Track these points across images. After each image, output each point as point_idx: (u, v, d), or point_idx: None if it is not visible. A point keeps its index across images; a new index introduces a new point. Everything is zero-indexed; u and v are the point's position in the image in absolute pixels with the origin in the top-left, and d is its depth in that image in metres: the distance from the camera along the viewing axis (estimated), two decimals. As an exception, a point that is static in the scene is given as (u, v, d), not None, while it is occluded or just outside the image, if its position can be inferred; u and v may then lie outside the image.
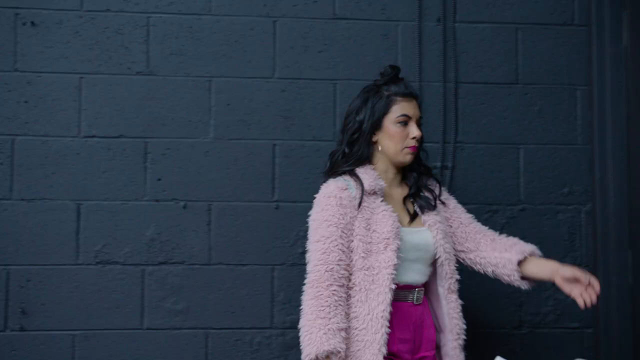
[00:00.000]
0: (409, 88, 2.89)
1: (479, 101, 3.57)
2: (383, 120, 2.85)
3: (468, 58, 3.59)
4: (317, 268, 2.72)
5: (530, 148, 3.58)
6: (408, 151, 2.86)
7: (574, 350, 3.53)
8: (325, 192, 2.79)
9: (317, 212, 2.78)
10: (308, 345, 2.64)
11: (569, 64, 3.62)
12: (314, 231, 2.77)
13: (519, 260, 2.84)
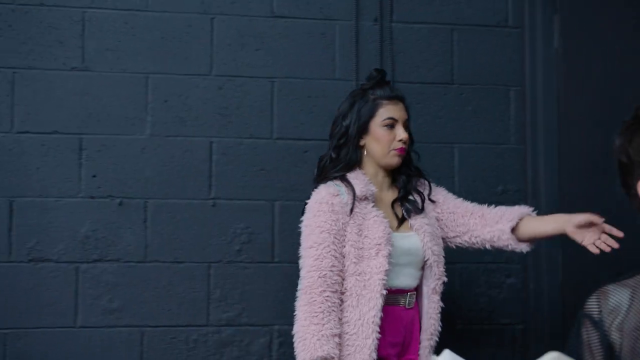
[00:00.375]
0: (394, 91, 2.90)
1: (415, 101, 3.61)
2: (369, 123, 2.86)
3: (404, 58, 3.63)
4: (310, 274, 2.72)
5: (464, 147, 3.63)
6: (395, 153, 2.86)
7: (506, 345, 3.59)
8: (317, 198, 2.79)
9: (309, 218, 2.78)
10: (302, 351, 2.65)
11: (503, 65, 3.68)
12: (307, 237, 2.77)
13: (512, 228, 2.84)
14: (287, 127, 3.52)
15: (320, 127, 3.54)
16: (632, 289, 1.86)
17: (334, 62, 3.57)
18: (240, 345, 3.44)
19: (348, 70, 3.57)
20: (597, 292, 1.91)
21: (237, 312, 3.44)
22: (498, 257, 3.60)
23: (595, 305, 1.89)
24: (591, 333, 1.87)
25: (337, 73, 3.57)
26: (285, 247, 3.47)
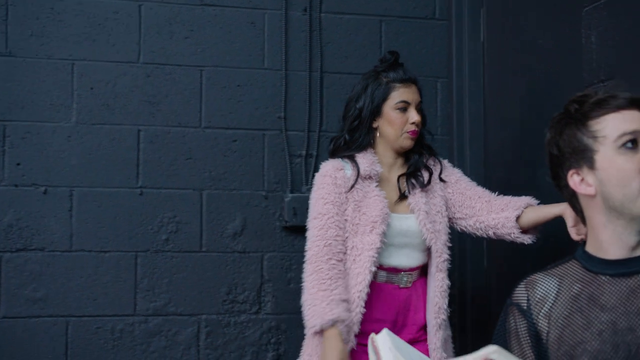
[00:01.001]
0: (407, 74, 2.88)
1: (344, 91, 3.62)
2: (382, 106, 2.85)
3: (333, 48, 3.65)
4: (315, 243, 2.72)
5: (392, 138, 3.66)
6: (408, 136, 2.85)
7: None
8: (322, 171, 2.81)
9: (315, 190, 2.80)
10: (312, 317, 2.62)
11: (430, 57, 3.73)
12: (312, 208, 2.78)
13: (517, 216, 2.82)
14: (216, 116, 3.51)
15: (249, 116, 3.54)
16: (559, 278, 1.91)
17: (263, 52, 3.56)
18: (168, 335, 3.42)
19: (277, 59, 3.57)
20: (525, 281, 1.96)
21: (165, 302, 3.42)
22: (424, 246, 3.64)
23: (523, 294, 1.93)
24: (519, 321, 1.91)
25: (267, 62, 3.57)
26: (213, 237, 3.46)
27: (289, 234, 3.53)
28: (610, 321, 1.80)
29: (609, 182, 1.82)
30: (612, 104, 1.85)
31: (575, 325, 1.84)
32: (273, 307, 3.51)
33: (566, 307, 1.86)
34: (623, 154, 1.81)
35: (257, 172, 3.53)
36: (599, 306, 1.82)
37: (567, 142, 1.88)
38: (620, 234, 1.84)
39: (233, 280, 3.48)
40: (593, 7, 2.60)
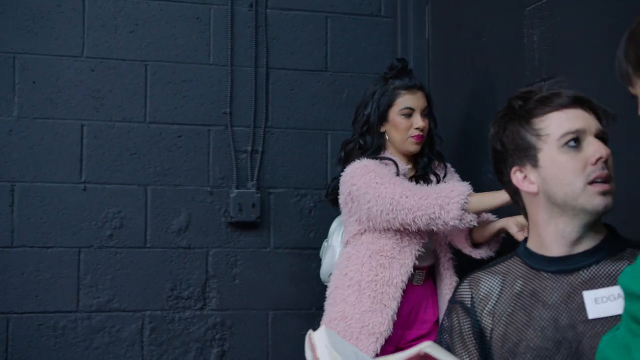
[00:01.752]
0: (412, 80, 2.96)
1: (289, 87, 3.63)
2: (388, 112, 2.94)
3: (279, 44, 3.65)
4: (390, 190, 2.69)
5: (337, 134, 3.67)
6: (413, 141, 2.93)
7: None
8: (362, 164, 2.83)
9: (363, 175, 2.78)
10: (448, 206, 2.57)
11: (376, 54, 3.75)
12: (368, 186, 2.75)
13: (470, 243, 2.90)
14: (161, 111, 3.49)
15: (195, 111, 3.52)
16: (502, 276, 1.91)
17: (209, 47, 3.55)
18: (111, 332, 3.39)
19: (223, 55, 3.56)
20: (469, 279, 1.96)
21: (108, 298, 3.39)
22: (369, 242, 3.66)
23: (467, 292, 1.94)
24: (462, 319, 1.91)
25: (212, 58, 3.55)
26: (157, 233, 3.44)
27: (234, 229, 3.53)
28: (552, 318, 1.81)
29: (552, 181, 1.83)
30: (555, 102, 1.86)
31: (518, 322, 1.84)
32: (218, 303, 3.50)
33: (509, 304, 1.87)
34: (566, 152, 1.82)
35: (203, 167, 3.52)
36: (541, 303, 1.83)
37: (511, 138, 1.89)
38: (562, 231, 1.85)
39: (178, 276, 3.46)
40: (535, 6, 2.64)
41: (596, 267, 1.83)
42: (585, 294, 1.80)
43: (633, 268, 1.45)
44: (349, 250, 2.88)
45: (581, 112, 1.86)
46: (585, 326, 1.77)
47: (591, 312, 1.78)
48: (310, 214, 3.61)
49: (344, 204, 2.88)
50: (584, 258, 1.84)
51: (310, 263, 3.60)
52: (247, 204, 3.51)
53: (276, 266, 3.57)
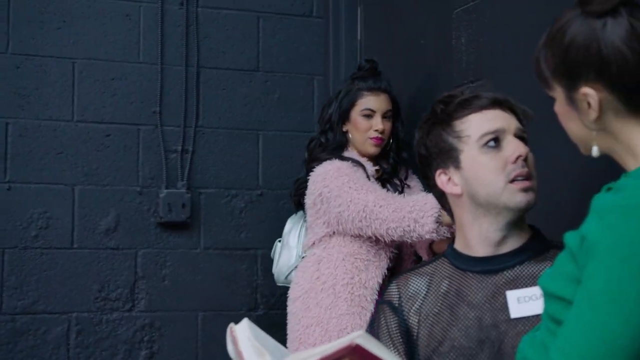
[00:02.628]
0: (377, 83, 2.95)
1: (221, 87, 3.61)
2: (350, 112, 2.93)
3: (210, 43, 3.62)
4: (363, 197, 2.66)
5: (269, 134, 3.66)
6: (371, 142, 2.91)
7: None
8: (334, 165, 2.79)
9: (336, 177, 2.74)
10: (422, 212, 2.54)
11: (307, 54, 3.74)
12: (341, 189, 2.71)
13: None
14: (89, 109, 3.43)
15: (123, 110, 3.48)
16: (429, 276, 1.93)
17: (139, 45, 3.51)
18: (36, 334, 3.33)
19: (153, 53, 3.52)
20: (397, 280, 1.98)
21: (33, 300, 3.32)
22: (300, 242, 3.66)
23: (395, 291, 1.95)
24: (390, 319, 1.93)
25: (142, 56, 3.51)
26: (85, 233, 3.39)
27: (163, 230, 3.49)
28: (476, 317, 1.83)
29: (474, 181, 1.85)
30: (475, 104, 1.89)
31: (443, 322, 1.86)
32: (147, 304, 3.46)
33: (435, 304, 1.89)
34: (486, 153, 1.85)
35: (132, 167, 3.47)
36: (466, 303, 1.85)
37: (434, 142, 1.91)
38: (486, 232, 1.87)
39: (105, 278, 3.41)
40: (462, 9, 2.66)
41: (520, 267, 1.86)
42: (509, 293, 1.83)
43: (552, 269, 1.47)
44: (318, 252, 2.82)
45: (500, 112, 1.89)
46: (508, 325, 1.80)
47: (513, 312, 1.81)
48: (241, 214, 3.59)
49: (312, 204, 2.83)
50: (508, 258, 1.87)
51: (241, 264, 3.58)
52: (176, 204, 3.48)
53: (206, 267, 3.54)
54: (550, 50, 1.48)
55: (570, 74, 1.45)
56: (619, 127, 1.45)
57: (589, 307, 1.32)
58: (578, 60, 1.43)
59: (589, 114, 1.45)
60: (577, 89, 1.45)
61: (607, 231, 1.32)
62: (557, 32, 1.47)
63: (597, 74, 1.42)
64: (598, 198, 1.40)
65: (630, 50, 1.41)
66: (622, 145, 1.46)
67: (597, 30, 1.42)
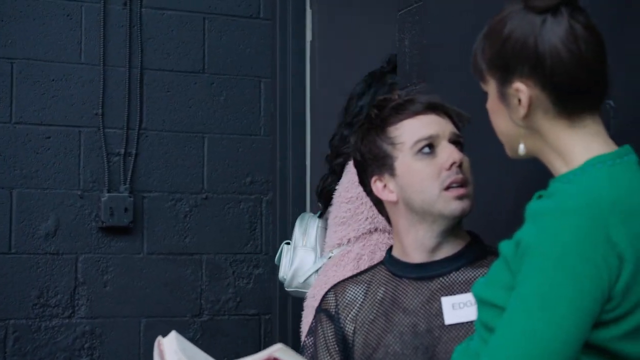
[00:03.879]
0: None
1: (165, 88, 3.55)
2: None
3: (154, 44, 3.56)
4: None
5: (214, 137, 3.61)
6: None
7: (253, 335, 3.62)
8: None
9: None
10: None
11: (254, 56, 3.69)
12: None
13: None
14: (28, 111, 3.35)
15: (64, 112, 3.41)
16: (366, 284, 1.91)
17: (80, 45, 3.44)
18: (-28, 342, 3.24)
19: (95, 54, 3.45)
20: (334, 288, 1.95)
21: (-32, 307, 3.24)
22: (245, 247, 3.61)
23: (332, 300, 1.93)
24: (326, 327, 1.90)
25: (83, 57, 3.44)
26: (23, 238, 3.31)
27: (105, 234, 3.42)
28: (411, 324, 1.81)
29: (409, 188, 1.83)
30: (409, 109, 1.86)
31: (378, 329, 1.85)
32: (87, 311, 3.38)
33: (371, 311, 1.87)
34: (420, 159, 1.82)
35: (72, 170, 3.40)
36: (402, 309, 1.84)
37: (369, 148, 1.89)
38: (422, 238, 1.85)
39: (45, 283, 3.33)
40: (406, 11, 2.63)
41: (456, 273, 1.84)
42: (444, 299, 1.81)
43: (487, 277, 1.46)
44: (356, 250, 2.66)
45: (435, 117, 1.86)
46: (442, 331, 1.79)
47: (448, 318, 1.80)
48: (185, 218, 3.53)
49: (349, 199, 2.68)
50: (444, 265, 1.85)
51: (185, 269, 3.52)
52: (119, 208, 3.41)
53: (149, 272, 3.48)
54: (489, 41, 1.47)
55: (505, 67, 1.44)
56: (547, 127, 1.43)
57: (521, 310, 1.30)
58: (514, 53, 1.42)
59: (518, 110, 1.43)
60: (510, 84, 1.43)
61: (540, 235, 1.31)
62: (497, 24, 1.46)
63: (531, 69, 1.41)
64: (531, 205, 1.39)
65: (566, 50, 1.40)
66: (549, 147, 1.44)
67: (536, 26, 1.41)
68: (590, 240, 1.29)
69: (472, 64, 1.51)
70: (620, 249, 1.30)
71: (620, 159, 1.40)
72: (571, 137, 1.43)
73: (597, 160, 1.39)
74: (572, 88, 1.41)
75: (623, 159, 1.40)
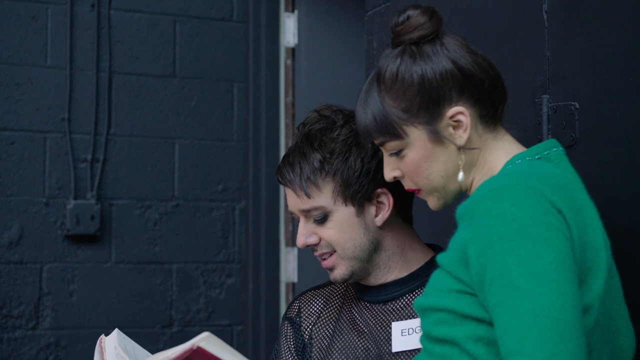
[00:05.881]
0: None
1: (134, 93, 3.45)
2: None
3: (123, 47, 3.46)
4: None
5: (186, 143, 3.52)
6: None
7: (225, 347, 3.51)
8: None
9: None
10: None
11: (227, 60, 3.60)
12: None
13: None
14: (-9, 116, 3.27)
15: (29, 117, 3.31)
16: (326, 298, 1.84)
17: (46, 48, 3.35)
18: None
19: (61, 57, 3.36)
20: (299, 297, 1.89)
21: None
22: (217, 256, 3.52)
23: (296, 308, 1.87)
24: (289, 333, 1.84)
25: (49, 60, 3.35)
26: (-14, 246, 3.22)
27: (71, 243, 3.32)
28: (365, 348, 1.74)
29: None
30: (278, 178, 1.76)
31: (333, 349, 1.77)
32: (52, 322, 3.28)
33: (327, 327, 1.80)
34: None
35: (37, 176, 3.30)
36: (356, 331, 1.76)
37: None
38: None
39: (7, 294, 3.23)
40: (374, 12, 2.55)
41: (410, 295, 1.75)
42: (394, 325, 1.73)
43: (425, 289, 1.40)
44: None
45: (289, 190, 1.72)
46: (390, 358, 1.71)
47: (395, 345, 1.71)
48: (155, 226, 3.44)
49: None
50: (396, 287, 1.75)
51: (154, 278, 3.42)
52: (85, 216, 3.31)
53: (117, 282, 3.38)
54: (394, 94, 1.43)
55: (432, 102, 1.41)
56: (480, 144, 1.43)
57: (518, 297, 1.21)
58: (436, 84, 1.40)
59: (459, 137, 1.42)
60: (442, 116, 1.41)
61: (486, 222, 1.26)
62: (394, 75, 1.43)
63: (460, 89, 1.41)
64: (457, 210, 1.35)
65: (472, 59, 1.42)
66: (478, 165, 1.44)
67: (440, 51, 1.42)
68: (538, 207, 1.24)
69: (371, 130, 1.46)
70: (565, 214, 1.26)
71: (540, 154, 1.39)
72: (495, 148, 1.43)
73: (516, 158, 1.40)
74: (495, 93, 1.43)
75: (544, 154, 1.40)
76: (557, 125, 1.74)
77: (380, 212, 1.70)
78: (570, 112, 1.71)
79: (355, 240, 1.69)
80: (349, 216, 1.68)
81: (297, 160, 1.69)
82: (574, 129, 1.70)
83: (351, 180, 1.67)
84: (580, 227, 1.28)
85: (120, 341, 1.55)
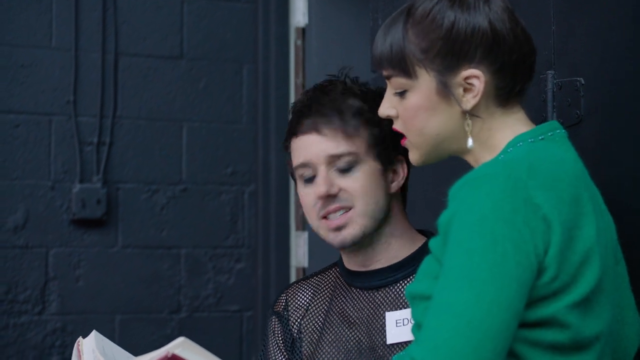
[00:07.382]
0: None
1: (141, 75, 3.41)
2: None
3: (130, 29, 3.41)
4: None
5: (194, 126, 3.47)
6: None
7: (234, 333, 3.48)
8: None
9: None
10: None
11: (236, 41, 3.54)
12: None
13: None
14: (-4, 98, 3.23)
15: (34, 99, 3.29)
16: (314, 288, 1.79)
17: (51, 29, 3.31)
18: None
19: (66, 38, 3.32)
20: (286, 290, 1.84)
21: None
22: (226, 241, 3.47)
23: (282, 301, 1.82)
24: (277, 328, 1.79)
25: (54, 41, 3.31)
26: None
27: (77, 227, 3.29)
28: (356, 340, 1.68)
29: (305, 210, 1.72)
30: (293, 126, 1.69)
31: (324, 341, 1.72)
32: (59, 307, 3.26)
33: (317, 319, 1.74)
34: (305, 186, 1.68)
35: (43, 160, 3.27)
36: (348, 323, 1.70)
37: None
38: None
39: (13, 279, 3.21)
40: (380, -9, 2.49)
41: (403, 283, 1.68)
42: (388, 315, 1.66)
43: (417, 274, 1.34)
44: None
45: (314, 137, 1.65)
46: (384, 350, 1.65)
47: (390, 336, 1.65)
48: (162, 210, 3.40)
49: None
50: (390, 273, 1.68)
51: (162, 263, 3.38)
52: (91, 200, 3.28)
53: (124, 267, 3.34)
54: (418, 30, 1.35)
55: (453, 54, 1.33)
56: (487, 115, 1.36)
57: (444, 287, 1.19)
58: (465, 37, 1.33)
59: (467, 100, 1.34)
60: (458, 72, 1.34)
61: (458, 207, 1.22)
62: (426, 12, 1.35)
63: (485, 53, 1.33)
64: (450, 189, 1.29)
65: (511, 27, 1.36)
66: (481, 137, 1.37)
67: (482, 7, 1.34)
68: (508, 202, 1.19)
69: (384, 59, 1.38)
70: (545, 211, 1.20)
71: (543, 135, 1.33)
72: (502, 125, 1.36)
73: (518, 140, 1.33)
74: (520, 69, 1.36)
75: (547, 135, 1.34)
76: (562, 102, 1.68)
77: (396, 180, 1.67)
78: (575, 88, 1.64)
79: (377, 197, 1.64)
80: (375, 171, 1.64)
81: (338, 101, 1.64)
82: (579, 106, 1.63)
83: (382, 136, 1.63)
84: (572, 219, 1.23)
85: (98, 343, 1.51)
